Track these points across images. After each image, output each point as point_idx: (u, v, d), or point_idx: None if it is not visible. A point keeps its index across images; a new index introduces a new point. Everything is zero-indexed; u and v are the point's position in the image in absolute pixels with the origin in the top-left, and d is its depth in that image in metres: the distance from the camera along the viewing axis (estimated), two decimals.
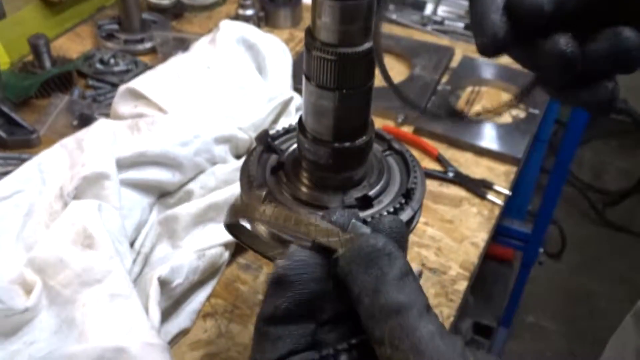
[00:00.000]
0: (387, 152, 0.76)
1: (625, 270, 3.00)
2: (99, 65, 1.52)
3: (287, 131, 0.78)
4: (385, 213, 0.66)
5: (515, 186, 1.33)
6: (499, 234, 2.04)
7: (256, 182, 0.69)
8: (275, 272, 0.44)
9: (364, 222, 0.47)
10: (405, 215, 0.67)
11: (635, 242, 3.19)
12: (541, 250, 2.15)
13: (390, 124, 1.40)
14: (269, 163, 0.73)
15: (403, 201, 0.68)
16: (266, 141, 0.75)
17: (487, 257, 2.26)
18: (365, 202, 0.67)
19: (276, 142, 0.76)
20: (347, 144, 0.65)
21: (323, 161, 0.67)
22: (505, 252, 2.26)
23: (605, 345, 0.92)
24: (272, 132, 0.77)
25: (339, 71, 0.60)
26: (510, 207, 2.03)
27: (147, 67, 1.49)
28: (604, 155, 3.66)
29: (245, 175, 0.71)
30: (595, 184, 3.43)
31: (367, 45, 0.59)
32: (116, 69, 1.52)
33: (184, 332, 0.96)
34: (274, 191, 0.69)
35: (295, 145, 0.73)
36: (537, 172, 2.30)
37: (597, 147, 3.63)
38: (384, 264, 0.40)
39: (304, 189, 0.70)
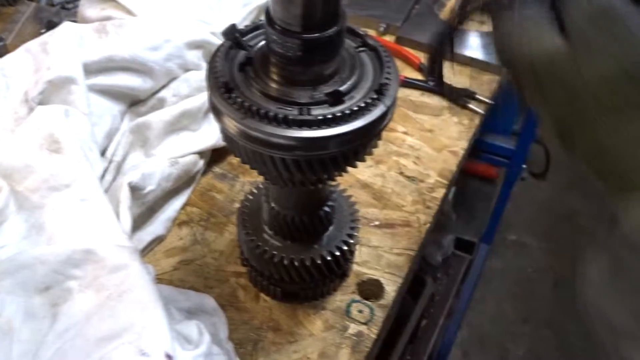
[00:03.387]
0: (361, 49, 0.72)
1: None
2: None
3: (257, 27, 0.74)
4: (356, 109, 0.64)
5: (500, 105, 1.29)
6: (482, 150, 2.03)
7: (222, 78, 0.66)
8: None
9: None
10: (377, 112, 0.65)
11: None
12: (524, 166, 2.14)
13: (372, 33, 1.34)
14: (237, 59, 0.70)
15: (375, 97, 0.65)
16: (234, 37, 0.71)
17: (471, 175, 2.27)
18: (336, 97, 0.65)
19: (245, 38, 0.72)
20: (316, 34, 0.62)
21: (292, 54, 0.63)
22: (489, 170, 2.25)
23: None
24: (240, 27, 0.73)
25: None
26: (495, 126, 2.00)
27: None
28: None
29: (212, 72, 0.67)
30: None
31: None
32: None
33: (158, 240, 0.95)
34: (242, 88, 0.66)
35: (265, 41, 0.69)
36: None
37: None
38: None
39: (273, 85, 0.67)
